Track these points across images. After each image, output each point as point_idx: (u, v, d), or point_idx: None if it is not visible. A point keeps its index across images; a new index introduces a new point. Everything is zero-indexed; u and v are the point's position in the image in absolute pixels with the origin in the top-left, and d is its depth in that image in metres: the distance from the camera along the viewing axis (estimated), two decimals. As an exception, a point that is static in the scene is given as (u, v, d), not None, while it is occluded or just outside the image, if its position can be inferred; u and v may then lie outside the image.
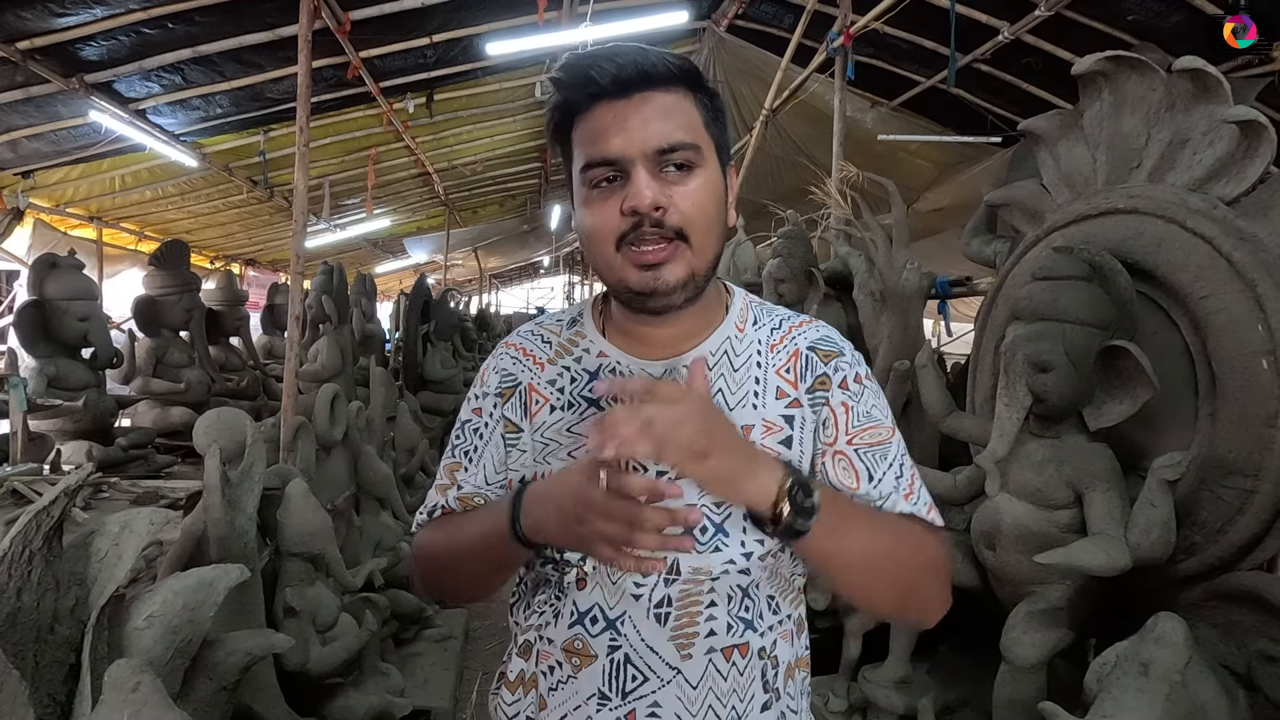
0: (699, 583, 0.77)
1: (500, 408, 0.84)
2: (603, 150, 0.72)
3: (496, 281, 19.37)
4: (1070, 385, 1.68)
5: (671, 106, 0.73)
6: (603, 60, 0.72)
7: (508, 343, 0.89)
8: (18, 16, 3.77)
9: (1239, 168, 1.69)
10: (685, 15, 5.31)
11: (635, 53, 0.73)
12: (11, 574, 0.92)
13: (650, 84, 0.73)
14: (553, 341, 0.86)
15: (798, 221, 3.38)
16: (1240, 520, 1.60)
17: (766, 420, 0.79)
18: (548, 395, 0.83)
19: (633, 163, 0.72)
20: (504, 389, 0.85)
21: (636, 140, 0.71)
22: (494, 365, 0.88)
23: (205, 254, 8.84)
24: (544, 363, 0.85)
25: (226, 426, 1.94)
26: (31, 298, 3.79)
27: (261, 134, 5.97)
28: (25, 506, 2.48)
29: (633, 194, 0.71)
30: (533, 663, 0.82)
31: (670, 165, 0.72)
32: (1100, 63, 1.89)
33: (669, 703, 0.76)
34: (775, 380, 0.81)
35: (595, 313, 0.87)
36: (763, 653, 0.80)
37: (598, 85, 0.72)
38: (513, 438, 0.83)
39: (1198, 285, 1.67)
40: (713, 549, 0.76)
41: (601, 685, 0.77)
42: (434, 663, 2.76)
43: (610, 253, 0.74)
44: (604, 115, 0.73)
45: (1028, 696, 1.66)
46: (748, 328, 0.84)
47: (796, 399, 0.81)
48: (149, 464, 3.96)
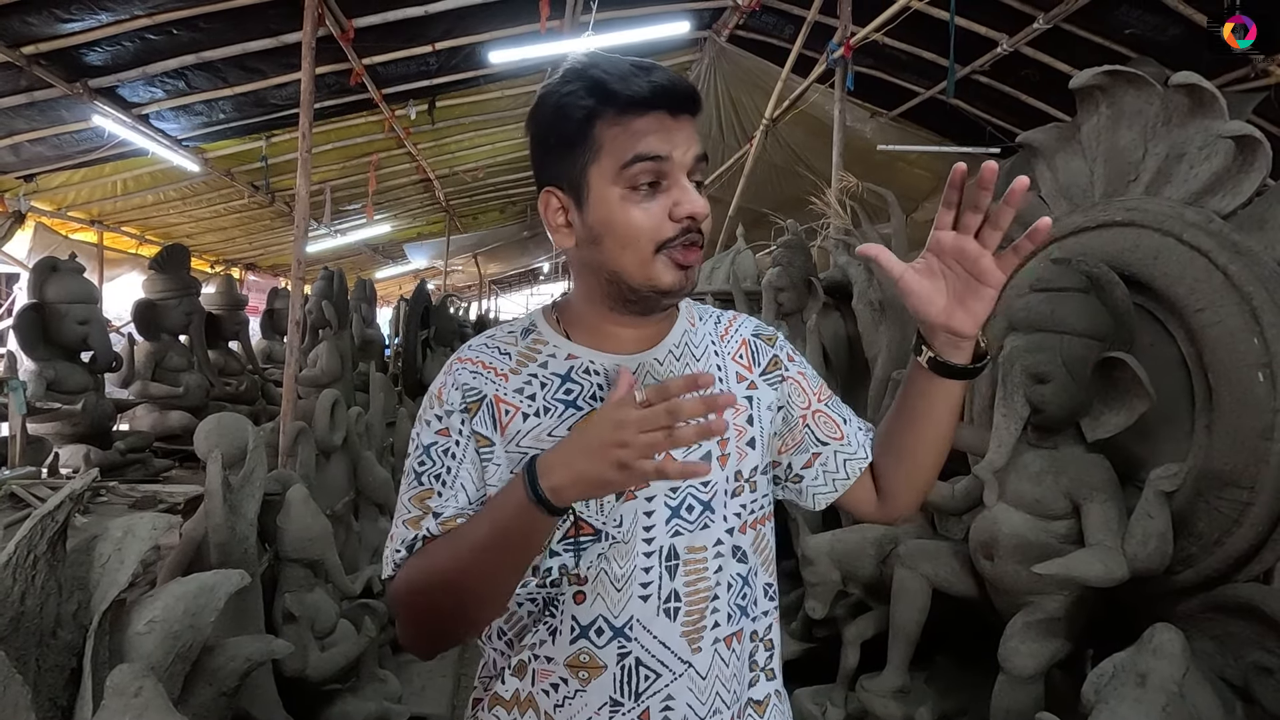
0: (701, 573, 0.80)
1: (468, 423, 0.80)
2: (655, 147, 0.75)
3: (496, 287, 19.39)
4: (1068, 396, 1.69)
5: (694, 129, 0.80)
6: (653, 74, 0.76)
7: (461, 358, 0.85)
8: (23, 22, 3.79)
9: (1235, 182, 1.70)
10: (687, 25, 5.35)
11: (678, 77, 0.78)
12: (16, 578, 0.93)
13: (695, 108, 0.79)
14: (511, 352, 0.84)
15: (797, 231, 3.39)
16: (1237, 532, 1.60)
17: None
18: (518, 404, 0.81)
19: (678, 168, 0.76)
20: (469, 404, 0.81)
21: (681, 146, 0.76)
22: (451, 382, 0.82)
23: (206, 258, 8.86)
24: (506, 373, 0.82)
25: (228, 432, 1.95)
26: (31, 301, 3.79)
27: (264, 139, 6.00)
28: (24, 510, 2.48)
29: (690, 200, 0.76)
30: (528, 682, 0.81)
31: (694, 177, 0.78)
32: (1098, 77, 1.91)
33: (681, 694, 0.79)
34: (734, 366, 0.89)
35: (552, 320, 0.87)
36: (754, 636, 0.86)
37: (662, 95, 0.75)
38: (486, 452, 0.80)
39: (1194, 298, 1.68)
40: (701, 526, 0.81)
41: (613, 693, 0.78)
42: (431, 669, 2.75)
43: (647, 254, 0.76)
44: (654, 122, 0.75)
45: (1025, 707, 1.67)
46: (697, 323, 0.91)
47: (753, 381, 0.90)
48: (147, 468, 3.95)
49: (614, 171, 0.75)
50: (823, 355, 3.05)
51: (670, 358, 0.85)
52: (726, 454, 0.83)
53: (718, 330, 0.92)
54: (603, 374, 0.82)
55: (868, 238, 2.88)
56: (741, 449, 0.85)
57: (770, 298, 3.27)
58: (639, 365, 0.83)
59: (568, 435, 0.75)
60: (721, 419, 0.70)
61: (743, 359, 0.90)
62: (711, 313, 0.95)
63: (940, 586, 1.97)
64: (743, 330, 0.93)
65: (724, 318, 0.94)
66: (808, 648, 2.56)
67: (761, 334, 0.94)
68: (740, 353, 0.91)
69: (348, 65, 5.02)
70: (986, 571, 1.83)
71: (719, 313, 0.95)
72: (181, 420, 4.55)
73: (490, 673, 0.86)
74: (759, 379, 0.90)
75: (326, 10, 4.17)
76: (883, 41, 4.58)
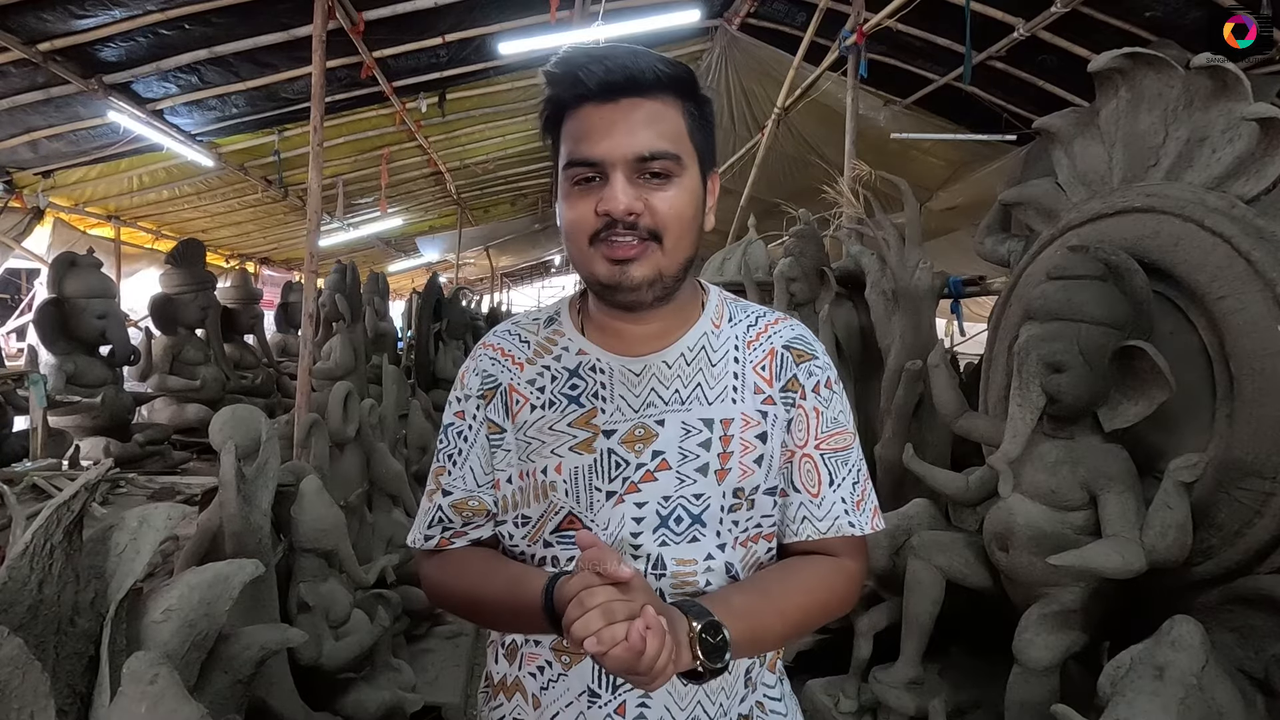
0: (689, 582, 0.79)
1: (483, 409, 0.85)
2: (585, 152, 0.74)
3: (508, 280, 19.42)
4: (1085, 386, 1.67)
5: (656, 114, 0.75)
6: (592, 63, 0.73)
7: (485, 343, 0.89)
8: (39, 19, 3.82)
9: (1258, 166, 1.67)
10: (697, 14, 5.30)
11: (626, 56, 0.74)
12: (34, 567, 0.94)
13: (637, 90, 0.74)
14: (530, 341, 0.87)
15: (810, 220, 3.37)
16: (1258, 523, 1.58)
17: (745, 414, 0.82)
18: (528, 395, 0.84)
19: (613, 167, 0.74)
20: (485, 390, 0.85)
21: (619, 146, 0.73)
22: (474, 367, 0.88)
23: (220, 253, 8.94)
24: (523, 363, 0.85)
25: (241, 423, 1.96)
26: (51, 296, 3.84)
27: (276, 134, 6.03)
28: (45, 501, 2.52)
29: (607, 198, 0.74)
30: (517, 666, 0.84)
31: (648, 173, 0.74)
32: (1117, 60, 1.87)
33: (659, 696, 0.78)
34: (753, 377, 0.84)
35: (573, 311, 0.88)
36: None
37: (585, 87, 0.74)
38: (496, 438, 0.84)
39: (1216, 285, 1.65)
40: (690, 539, 0.79)
41: (591, 683, 0.79)
42: (445, 659, 2.77)
43: (585, 246, 0.77)
44: (590, 117, 0.74)
45: (1040, 699, 1.65)
46: (724, 324, 0.86)
47: (770, 396, 0.84)
48: (165, 460, 4.01)
49: (563, 170, 0.77)
50: (835, 346, 3.03)
51: (681, 361, 0.83)
52: (727, 469, 0.80)
53: (749, 334, 0.86)
54: (608, 372, 0.83)
55: (881, 227, 2.85)
56: (746, 465, 0.81)
57: (782, 288, 3.25)
58: (644, 367, 0.82)
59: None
60: (637, 639, 0.61)
61: (765, 370, 0.84)
62: (751, 313, 0.88)
63: (954, 578, 1.95)
64: (775, 339, 0.86)
65: (763, 320, 0.88)
66: (820, 639, 2.55)
67: (794, 348, 0.85)
68: (765, 363, 0.84)
69: (358, 58, 5.03)
70: (1001, 563, 1.82)
71: (760, 313, 0.89)
72: (198, 413, 4.61)
73: (493, 639, 0.89)
74: (777, 394, 0.83)
75: (337, 4, 4.17)
76: (896, 28, 4.51)
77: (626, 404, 0.82)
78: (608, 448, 0.80)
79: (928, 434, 2.57)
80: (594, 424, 0.81)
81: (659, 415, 0.81)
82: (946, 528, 2.20)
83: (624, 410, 0.81)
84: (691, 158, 0.77)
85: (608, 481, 0.80)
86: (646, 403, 0.81)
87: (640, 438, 0.80)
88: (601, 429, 0.81)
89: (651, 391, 0.82)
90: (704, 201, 0.80)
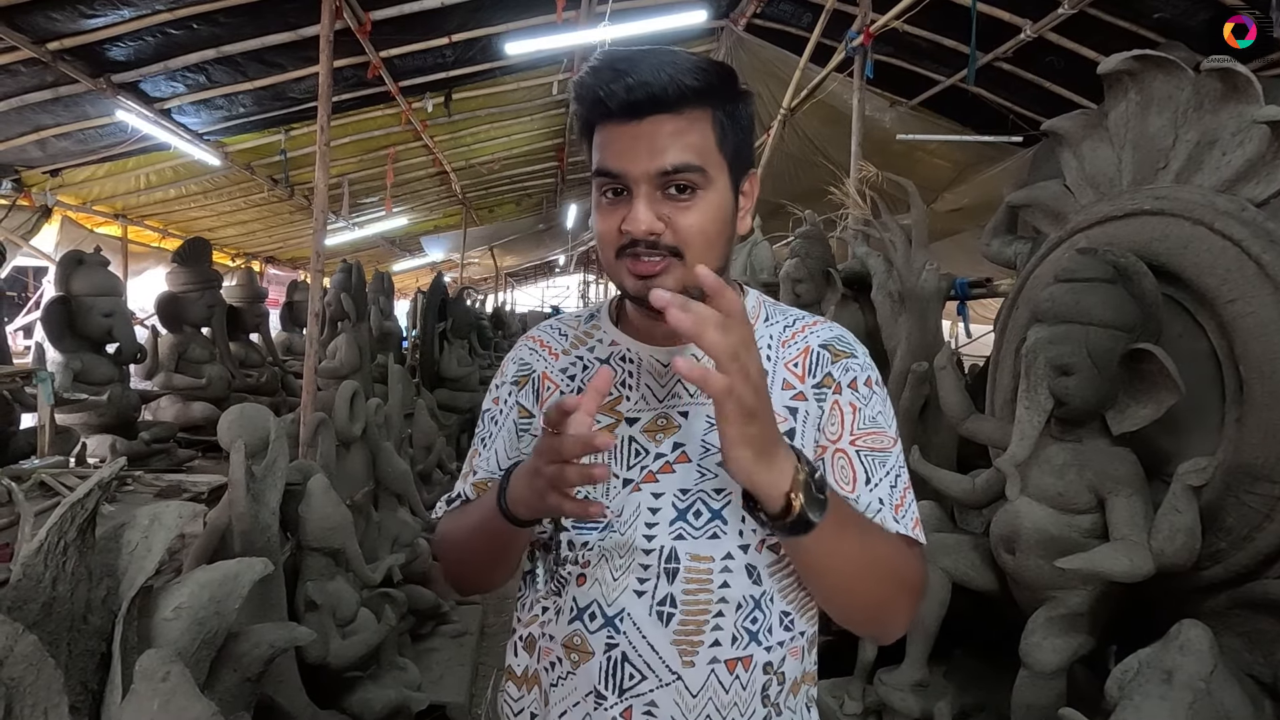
0: (704, 584, 0.77)
1: (515, 395, 0.90)
2: (609, 165, 0.75)
3: (512, 280, 19.44)
4: (1093, 389, 1.67)
5: (681, 129, 0.73)
6: (614, 81, 0.72)
7: (529, 336, 0.94)
8: (48, 18, 3.84)
9: (1269, 169, 1.66)
10: (703, 14, 5.30)
11: (650, 71, 0.71)
12: (47, 564, 0.95)
13: (662, 107, 0.72)
14: (569, 334, 0.91)
15: (815, 221, 3.36)
16: (1267, 527, 1.57)
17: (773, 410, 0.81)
18: (559, 382, 0.87)
19: (636, 183, 0.73)
20: (519, 377, 0.90)
21: (641, 163, 0.73)
22: (514, 356, 0.93)
23: (226, 251, 8.96)
24: (559, 353, 0.89)
25: (250, 422, 1.97)
26: (58, 294, 3.86)
27: (282, 133, 6.04)
28: (53, 498, 2.53)
29: (630, 219, 0.73)
30: (535, 659, 0.84)
31: (672, 187, 0.73)
32: (1126, 62, 1.86)
33: (666, 704, 0.76)
34: (783, 373, 0.82)
35: (612, 307, 0.90)
36: (768, 668, 0.79)
37: (606, 108, 0.74)
38: (525, 423, 0.88)
39: (1225, 288, 1.64)
40: (709, 535, 0.77)
41: (597, 683, 0.78)
42: (450, 658, 2.78)
43: (612, 258, 0.77)
44: (614, 133, 0.75)
45: (1047, 703, 1.65)
46: (759, 324, 0.85)
47: (801, 392, 0.81)
48: (171, 458, 4.02)
49: (593, 177, 0.78)
50: (841, 347, 3.02)
51: None
52: None
53: (784, 334, 0.85)
54: (637, 362, 0.84)
55: (887, 229, 2.85)
56: None
57: (788, 289, 3.24)
58: (672, 360, 0.82)
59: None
60: (603, 468, 0.67)
61: (797, 368, 0.83)
62: (788, 315, 0.88)
63: (960, 580, 1.95)
64: (812, 338, 0.84)
65: (800, 321, 0.86)
66: (825, 640, 2.55)
67: (833, 346, 0.84)
68: (797, 361, 0.83)
69: (365, 58, 5.04)
70: (1008, 566, 1.81)
71: (798, 316, 0.88)
72: (204, 411, 4.62)
73: (519, 616, 0.89)
74: (810, 390, 0.82)
75: (345, 4, 4.18)
76: (903, 29, 4.51)
77: (651, 393, 0.82)
78: (629, 435, 0.81)
79: (933, 436, 2.56)
80: (618, 410, 0.82)
81: (683, 407, 0.81)
82: (952, 530, 2.20)
83: (649, 399, 0.82)
84: (720, 168, 0.75)
85: (625, 469, 0.80)
86: (672, 393, 0.82)
87: (662, 428, 0.81)
88: (625, 416, 0.82)
89: (678, 383, 0.82)
90: (735, 209, 0.79)
